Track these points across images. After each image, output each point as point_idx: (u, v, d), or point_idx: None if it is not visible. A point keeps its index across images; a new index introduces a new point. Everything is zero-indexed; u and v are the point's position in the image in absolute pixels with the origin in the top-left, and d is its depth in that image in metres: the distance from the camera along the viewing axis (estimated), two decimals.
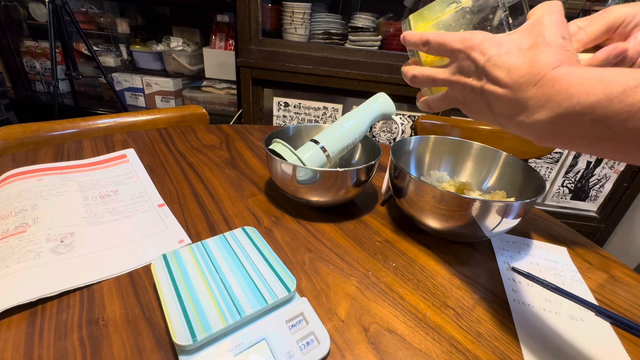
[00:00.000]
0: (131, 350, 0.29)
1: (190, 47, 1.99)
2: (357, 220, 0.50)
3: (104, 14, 2.06)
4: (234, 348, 0.28)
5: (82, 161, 0.57)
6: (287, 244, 0.43)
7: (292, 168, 0.44)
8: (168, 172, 0.57)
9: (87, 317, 0.31)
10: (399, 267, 0.41)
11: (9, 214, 0.42)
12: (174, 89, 1.99)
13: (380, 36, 1.30)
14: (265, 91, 1.39)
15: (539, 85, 0.23)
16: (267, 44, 1.29)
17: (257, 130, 0.79)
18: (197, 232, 0.44)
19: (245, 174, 0.59)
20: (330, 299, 0.36)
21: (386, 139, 1.42)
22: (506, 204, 0.38)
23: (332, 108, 1.38)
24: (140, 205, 0.47)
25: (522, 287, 0.40)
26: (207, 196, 0.51)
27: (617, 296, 0.41)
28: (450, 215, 0.41)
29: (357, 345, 0.31)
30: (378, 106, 0.51)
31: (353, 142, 0.51)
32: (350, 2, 1.53)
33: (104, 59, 2.05)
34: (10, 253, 0.36)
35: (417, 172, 0.56)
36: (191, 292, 0.31)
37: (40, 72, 2.12)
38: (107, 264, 0.37)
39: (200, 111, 0.84)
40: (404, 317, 0.35)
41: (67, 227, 0.41)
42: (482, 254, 0.45)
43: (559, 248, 0.48)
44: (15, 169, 0.51)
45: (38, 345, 0.28)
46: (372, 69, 1.25)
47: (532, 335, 0.34)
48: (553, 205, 1.45)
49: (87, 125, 0.71)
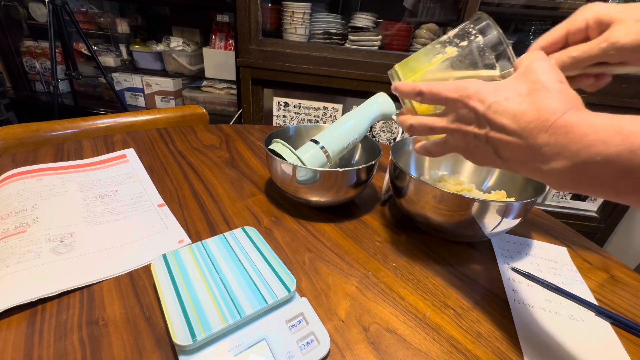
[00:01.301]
0: (131, 350, 0.29)
1: (190, 47, 1.99)
2: (357, 220, 0.49)
3: (103, 14, 2.06)
4: (234, 348, 0.28)
5: (82, 161, 0.57)
6: (287, 244, 0.43)
7: (292, 168, 0.44)
8: (168, 172, 0.57)
9: (87, 317, 0.31)
10: (399, 267, 0.41)
11: (9, 214, 0.41)
12: (174, 89, 1.98)
13: (380, 36, 1.30)
14: (265, 91, 1.39)
15: (551, 132, 0.23)
16: (267, 44, 1.28)
17: (257, 130, 0.79)
18: (197, 232, 0.44)
19: (245, 174, 0.59)
20: (330, 299, 0.36)
21: (386, 139, 1.42)
22: (506, 204, 0.38)
23: (332, 108, 1.38)
24: (140, 205, 0.47)
25: (522, 287, 0.40)
26: (207, 196, 0.51)
27: (617, 296, 0.41)
28: (450, 215, 0.41)
29: (357, 345, 0.31)
30: (378, 106, 0.51)
31: (353, 142, 0.51)
32: (350, 2, 1.53)
33: (103, 59, 2.05)
34: (10, 253, 0.36)
35: (417, 172, 0.56)
36: (191, 292, 0.31)
37: (40, 72, 2.12)
38: (107, 264, 0.37)
39: (200, 111, 0.84)
40: (404, 317, 0.35)
41: (67, 227, 0.41)
42: (482, 254, 0.45)
43: (559, 248, 0.48)
44: (15, 169, 0.51)
45: (38, 345, 0.28)
46: (372, 69, 1.25)
47: (532, 335, 0.34)
48: (553, 205, 1.45)
49: (87, 125, 0.71)
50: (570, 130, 0.22)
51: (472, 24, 0.32)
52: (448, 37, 0.33)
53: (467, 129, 0.28)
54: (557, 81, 0.25)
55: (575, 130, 0.22)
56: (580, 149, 0.22)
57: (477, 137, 0.27)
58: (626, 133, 0.20)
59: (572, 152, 0.22)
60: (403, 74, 0.35)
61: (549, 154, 0.23)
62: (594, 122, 0.22)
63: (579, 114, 0.23)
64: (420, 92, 0.31)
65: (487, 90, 0.26)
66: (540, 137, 0.23)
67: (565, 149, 0.22)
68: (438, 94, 0.29)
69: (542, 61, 0.26)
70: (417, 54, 0.35)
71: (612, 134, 0.21)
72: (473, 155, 0.30)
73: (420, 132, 0.32)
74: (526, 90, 0.25)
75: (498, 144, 0.26)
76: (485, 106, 0.26)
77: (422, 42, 1.30)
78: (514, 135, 0.25)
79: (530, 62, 0.26)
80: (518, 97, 0.25)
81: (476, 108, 0.27)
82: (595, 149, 0.21)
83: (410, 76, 0.35)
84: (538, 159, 0.24)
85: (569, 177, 0.23)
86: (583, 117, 0.22)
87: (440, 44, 0.33)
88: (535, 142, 0.24)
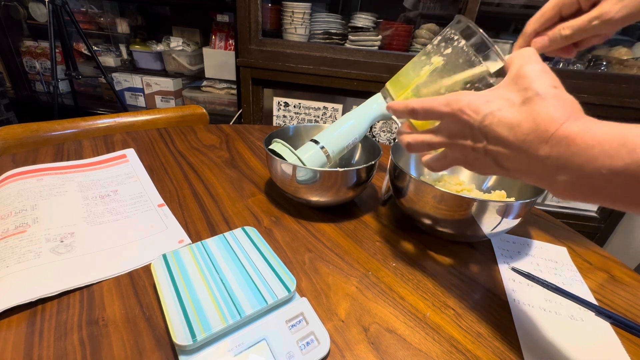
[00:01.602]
0: (131, 350, 0.29)
1: (190, 47, 1.99)
2: (357, 220, 0.49)
3: (103, 14, 2.06)
4: (234, 348, 0.28)
5: (82, 161, 0.57)
6: (287, 244, 0.43)
7: (292, 168, 0.44)
8: (168, 172, 0.57)
9: (87, 317, 0.31)
10: (399, 267, 0.41)
11: (9, 214, 0.41)
12: (174, 89, 1.98)
13: (380, 36, 1.30)
14: (265, 91, 1.39)
15: (552, 144, 0.22)
16: (267, 44, 1.29)
17: (257, 130, 0.79)
18: (197, 232, 0.44)
19: (245, 174, 0.59)
20: (330, 299, 0.36)
21: (386, 139, 1.42)
22: (506, 204, 0.38)
23: (332, 108, 1.38)
24: (140, 205, 0.47)
25: (522, 287, 0.40)
26: (207, 196, 0.51)
27: (617, 296, 0.41)
28: (450, 215, 0.41)
29: (357, 345, 0.31)
30: (378, 106, 0.51)
31: (353, 142, 0.51)
32: (350, 2, 1.53)
33: (103, 59, 2.05)
34: (10, 253, 0.36)
35: (417, 172, 0.56)
36: (191, 292, 0.31)
37: (40, 72, 2.12)
38: (107, 264, 0.37)
39: (200, 111, 0.84)
40: (404, 317, 0.35)
41: (67, 227, 0.41)
42: (482, 254, 0.45)
43: (559, 248, 0.48)
44: (15, 169, 0.51)
45: (38, 345, 0.28)
46: (372, 69, 1.25)
47: (532, 335, 0.34)
48: (553, 205, 1.45)
49: (87, 125, 0.71)
50: (572, 141, 0.21)
51: (453, 29, 0.32)
52: (432, 45, 0.33)
53: (465, 143, 0.28)
54: (551, 86, 0.24)
55: (578, 141, 0.21)
56: (584, 162, 0.21)
57: (475, 150, 0.27)
58: (631, 146, 0.20)
59: (576, 165, 0.21)
60: (394, 92, 0.35)
61: (553, 166, 0.23)
62: (596, 133, 0.21)
63: (579, 123, 0.22)
64: (413, 110, 0.30)
65: (480, 101, 0.26)
66: (541, 148, 0.23)
67: (569, 161, 0.22)
68: (431, 110, 0.29)
69: (533, 64, 0.25)
70: (405, 69, 0.35)
71: (616, 147, 0.20)
72: (474, 167, 0.29)
73: (419, 149, 0.32)
74: (519, 100, 0.24)
75: (497, 156, 0.26)
76: (479, 118, 0.26)
77: (422, 42, 1.30)
78: (513, 148, 0.24)
79: (521, 65, 0.26)
80: (511, 108, 0.24)
81: (470, 122, 0.26)
82: (600, 162, 0.21)
83: (401, 93, 0.35)
84: (541, 170, 0.24)
85: (575, 189, 0.23)
86: (584, 126, 0.22)
87: (426, 56, 0.33)
88: (536, 154, 0.23)
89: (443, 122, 0.29)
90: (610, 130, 0.21)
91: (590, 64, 1.31)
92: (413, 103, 0.30)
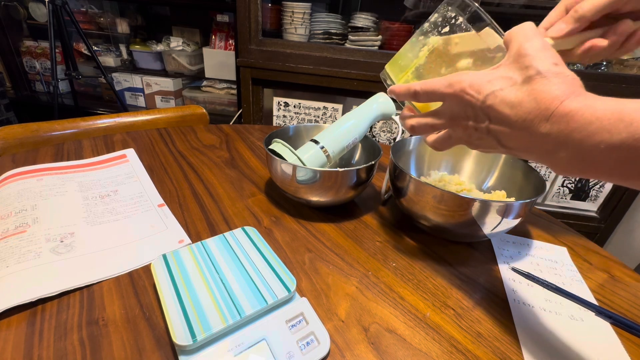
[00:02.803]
0: (131, 350, 0.29)
1: (190, 47, 1.99)
2: (357, 220, 0.49)
3: (103, 14, 2.06)
4: (234, 348, 0.28)
5: (82, 161, 0.57)
6: (287, 244, 0.43)
7: (292, 168, 0.44)
8: (168, 172, 0.57)
9: (87, 317, 0.31)
10: (399, 267, 0.41)
11: (9, 214, 0.41)
12: (174, 89, 1.99)
13: (380, 36, 1.30)
14: (265, 91, 1.39)
15: (552, 122, 0.23)
16: (267, 44, 1.28)
17: (257, 130, 0.79)
18: (197, 232, 0.44)
19: (245, 174, 0.59)
20: (330, 299, 0.36)
21: (386, 139, 1.42)
22: (506, 204, 0.38)
23: (332, 108, 1.38)
24: (140, 205, 0.47)
25: (522, 287, 0.40)
26: (207, 196, 0.51)
27: (617, 296, 0.41)
28: (450, 215, 0.41)
29: (357, 345, 0.31)
30: (378, 106, 0.51)
31: (353, 142, 0.51)
32: (350, 2, 1.53)
33: (103, 59, 2.05)
34: (10, 253, 0.36)
35: (417, 172, 0.56)
36: (191, 292, 0.31)
37: (40, 72, 2.12)
38: (107, 264, 0.37)
39: (200, 111, 0.84)
40: (404, 317, 0.35)
41: (67, 227, 0.41)
42: (482, 254, 0.45)
43: (559, 248, 0.48)
44: (15, 169, 0.51)
45: (38, 345, 0.28)
46: (372, 69, 1.25)
47: (532, 335, 0.34)
48: (553, 205, 1.45)
49: (87, 125, 0.71)
50: (572, 118, 0.22)
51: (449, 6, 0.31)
52: (429, 23, 0.32)
53: (467, 123, 0.28)
54: (552, 64, 0.24)
55: (577, 118, 0.22)
56: (583, 138, 0.21)
57: (478, 130, 0.27)
58: (628, 120, 0.20)
59: (575, 141, 0.22)
60: (394, 75, 0.35)
61: (553, 143, 0.23)
62: (597, 109, 0.21)
63: (579, 100, 0.22)
64: (416, 93, 0.30)
65: (481, 81, 0.26)
66: (542, 126, 0.23)
67: (569, 138, 0.22)
68: (433, 92, 0.29)
69: (533, 40, 0.25)
70: (402, 51, 0.35)
71: (614, 122, 0.20)
72: (477, 146, 0.30)
73: (423, 131, 0.32)
74: (520, 78, 0.24)
75: (500, 135, 0.26)
76: (481, 98, 0.26)
77: None
78: (515, 127, 0.25)
79: (521, 43, 0.25)
80: (513, 87, 0.25)
81: (472, 102, 0.26)
82: (599, 137, 0.21)
83: (401, 76, 0.34)
84: (542, 147, 0.24)
85: (574, 165, 0.23)
86: (585, 103, 0.22)
87: (423, 35, 0.33)
88: (537, 132, 0.23)
89: (445, 103, 0.29)
90: (609, 105, 0.21)
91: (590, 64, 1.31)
92: (414, 86, 0.30)
